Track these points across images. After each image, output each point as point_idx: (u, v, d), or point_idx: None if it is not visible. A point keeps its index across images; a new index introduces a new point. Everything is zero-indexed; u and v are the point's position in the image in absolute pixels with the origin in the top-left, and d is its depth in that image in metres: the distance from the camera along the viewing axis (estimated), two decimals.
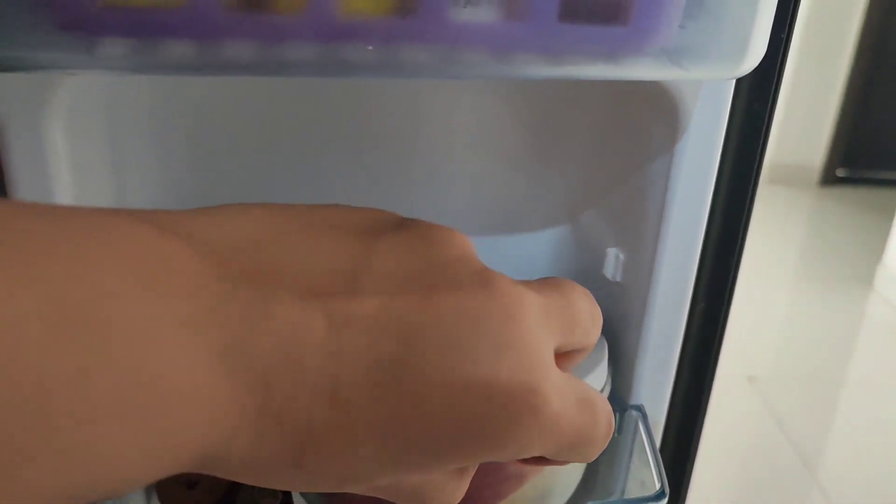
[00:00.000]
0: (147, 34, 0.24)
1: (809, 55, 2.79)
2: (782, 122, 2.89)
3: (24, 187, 0.30)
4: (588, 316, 0.23)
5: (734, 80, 0.34)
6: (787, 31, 0.35)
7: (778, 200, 2.86)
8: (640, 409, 0.39)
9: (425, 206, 0.44)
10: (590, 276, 0.43)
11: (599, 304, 0.43)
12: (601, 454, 0.42)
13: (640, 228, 0.38)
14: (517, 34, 0.27)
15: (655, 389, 0.39)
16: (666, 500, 0.35)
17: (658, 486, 0.35)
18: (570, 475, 0.38)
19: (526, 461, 0.21)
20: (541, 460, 0.21)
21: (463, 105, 0.41)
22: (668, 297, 0.38)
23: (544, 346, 0.19)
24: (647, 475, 0.37)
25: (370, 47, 0.26)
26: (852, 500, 1.39)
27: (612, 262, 0.40)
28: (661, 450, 0.43)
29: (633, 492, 0.39)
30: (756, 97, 0.36)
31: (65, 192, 0.31)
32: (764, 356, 1.83)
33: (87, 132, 0.34)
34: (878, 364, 1.83)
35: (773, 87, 0.36)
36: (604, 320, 0.42)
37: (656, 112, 0.35)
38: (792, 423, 1.57)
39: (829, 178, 2.99)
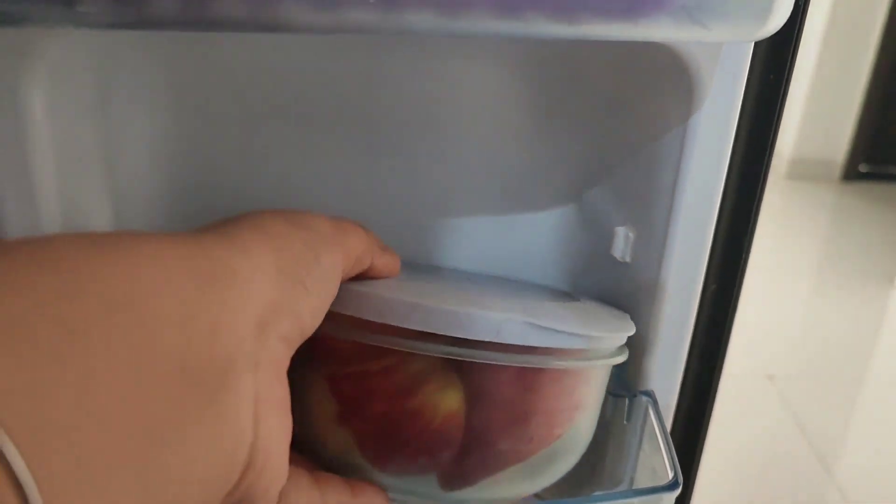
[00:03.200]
0: None
1: (833, 49, 2.75)
2: (805, 116, 2.85)
3: None
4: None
5: (752, 50, 0.33)
6: None
7: (799, 195, 2.82)
8: (650, 394, 0.38)
9: (428, 183, 0.42)
10: (598, 257, 0.41)
11: (608, 286, 0.41)
12: (610, 441, 0.40)
13: (651, 206, 0.36)
14: None
15: (666, 374, 0.38)
16: (679, 490, 0.33)
17: (671, 475, 0.34)
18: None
19: None
20: None
21: (468, 78, 0.40)
22: (680, 279, 0.36)
23: None
24: (657, 463, 0.36)
25: (372, 0, 0.24)
26: (870, 501, 1.37)
27: (622, 242, 0.39)
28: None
29: (643, 480, 0.38)
30: (772, 67, 0.35)
31: (44, 161, 0.30)
32: (783, 354, 1.80)
33: (71, 96, 0.32)
34: None
35: (790, 56, 0.35)
36: (612, 300, 0.40)
37: (670, 83, 0.33)
38: (811, 423, 1.55)
39: (852, 173, 2.95)
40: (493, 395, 0.28)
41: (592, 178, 0.42)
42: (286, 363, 0.24)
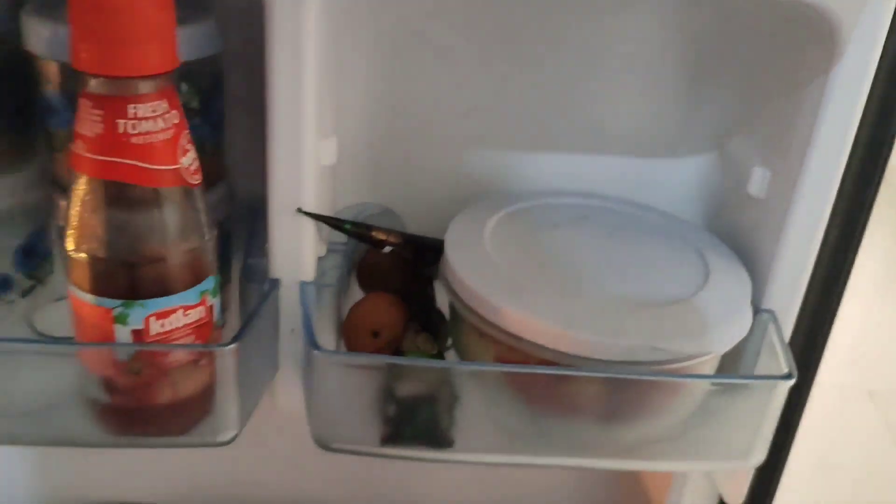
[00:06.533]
0: None
1: None
2: None
3: (280, 61, 0.36)
4: None
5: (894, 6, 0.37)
6: None
7: None
8: (771, 313, 0.43)
9: (586, 120, 0.49)
10: (733, 194, 0.47)
11: (741, 220, 0.47)
12: (725, 355, 0.45)
13: (787, 149, 0.41)
14: None
15: (787, 297, 0.43)
16: (793, 381, 0.38)
17: (786, 369, 0.39)
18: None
19: None
20: None
21: (619, 28, 0.46)
22: (808, 213, 0.41)
23: None
24: (774, 368, 0.41)
25: None
26: None
27: (759, 181, 0.44)
28: None
29: None
30: None
31: (311, 81, 0.37)
32: (886, 369, 1.74)
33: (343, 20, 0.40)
34: None
35: None
36: (744, 233, 0.46)
37: (813, 36, 0.38)
38: None
39: None
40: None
41: (735, 127, 0.47)
42: None
